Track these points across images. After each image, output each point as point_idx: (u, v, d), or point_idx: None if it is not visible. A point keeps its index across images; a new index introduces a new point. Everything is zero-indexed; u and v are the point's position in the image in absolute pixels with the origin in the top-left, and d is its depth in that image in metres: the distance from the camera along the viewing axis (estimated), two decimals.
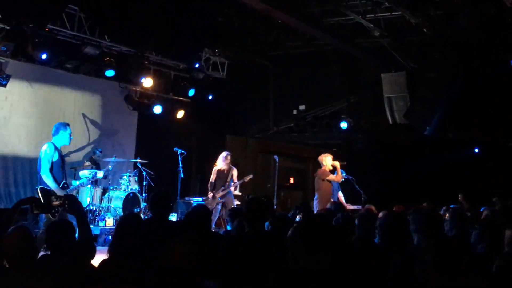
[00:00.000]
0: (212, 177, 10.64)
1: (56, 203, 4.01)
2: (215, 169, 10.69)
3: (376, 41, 11.80)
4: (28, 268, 3.32)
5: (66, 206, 3.97)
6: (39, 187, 7.48)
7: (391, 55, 12.09)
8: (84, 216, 4.02)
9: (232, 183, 10.52)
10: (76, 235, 3.97)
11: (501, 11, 9.61)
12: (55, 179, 7.42)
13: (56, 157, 7.52)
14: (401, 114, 12.50)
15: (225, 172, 10.59)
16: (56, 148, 7.60)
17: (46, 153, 7.44)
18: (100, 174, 10.23)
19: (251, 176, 10.87)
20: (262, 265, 3.95)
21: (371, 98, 13.93)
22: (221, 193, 10.45)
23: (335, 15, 11.15)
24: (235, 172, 10.70)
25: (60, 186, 7.44)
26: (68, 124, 7.91)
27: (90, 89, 12.16)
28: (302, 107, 14.84)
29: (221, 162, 10.64)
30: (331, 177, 10.17)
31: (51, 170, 7.42)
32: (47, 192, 7.40)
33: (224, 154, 10.71)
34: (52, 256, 3.81)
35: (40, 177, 7.46)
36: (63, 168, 7.73)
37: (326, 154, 10.51)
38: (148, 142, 12.83)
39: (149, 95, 12.58)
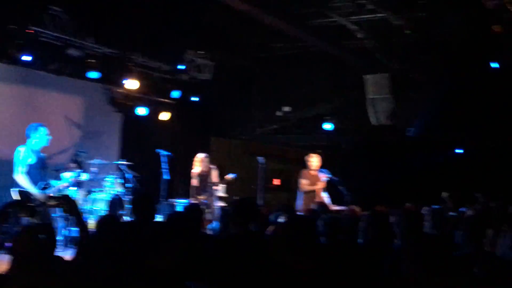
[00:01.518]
0: (193, 181, 10.66)
1: (53, 204, 4.02)
2: (194, 172, 10.71)
3: (360, 43, 11.86)
4: (36, 270, 3.26)
5: (63, 206, 3.97)
6: (17, 189, 7.38)
7: (375, 57, 12.16)
8: (79, 214, 4.00)
9: (214, 185, 10.54)
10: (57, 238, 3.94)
11: (482, 13, 9.72)
12: (31, 181, 7.31)
13: (33, 159, 7.43)
14: (385, 115, 12.58)
15: (206, 174, 10.63)
16: (32, 150, 7.51)
17: (19, 156, 7.37)
18: (84, 176, 10.15)
19: (233, 176, 10.88)
20: (247, 265, 3.96)
21: (355, 100, 13.98)
22: (203, 196, 10.47)
23: (319, 17, 11.18)
24: (215, 172, 10.73)
25: (38, 187, 7.32)
26: (40, 125, 7.80)
27: (73, 91, 12.09)
28: (286, 109, 14.87)
29: (199, 165, 10.65)
30: (301, 182, 10.19)
31: (27, 172, 7.34)
32: (25, 195, 7.32)
33: (201, 156, 10.72)
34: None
35: (16, 180, 7.37)
36: (43, 169, 7.64)
37: (312, 155, 10.53)
38: (133, 144, 12.79)
39: (133, 97, 12.54)
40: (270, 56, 13.78)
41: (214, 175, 10.75)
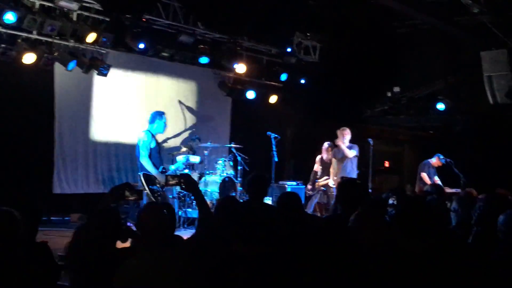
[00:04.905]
0: (316, 166, 10.75)
1: (172, 182, 4.15)
2: (318, 158, 10.78)
3: (475, 18, 11.29)
4: (161, 246, 3.42)
5: (182, 185, 4.09)
6: (141, 173, 7.86)
7: (492, 32, 11.52)
8: (200, 192, 4.10)
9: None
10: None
11: None
12: (154, 165, 7.76)
13: (153, 143, 7.86)
14: (503, 93, 11.91)
15: (328, 162, 10.64)
16: (153, 135, 7.93)
17: (144, 141, 7.80)
18: (194, 158, 10.50)
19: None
20: (352, 248, 3.92)
21: (470, 78, 13.36)
22: (323, 182, 10.50)
23: None
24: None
25: (159, 171, 7.78)
26: (164, 113, 8.24)
27: (185, 77, 12.49)
28: (396, 89, 14.50)
29: (324, 152, 10.72)
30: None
31: (149, 156, 7.77)
32: (149, 177, 7.80)
33: (325, 145, 10.75)
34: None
35: (140, 164, 7.82)
36: (160, 154, 8.09)
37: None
38: (242, 127, 13.03)
39: (242, 80, 12.75)
40: (380, 36, 13.45)
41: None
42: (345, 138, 10.03)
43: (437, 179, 10.62)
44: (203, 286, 3.34)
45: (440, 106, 13.52)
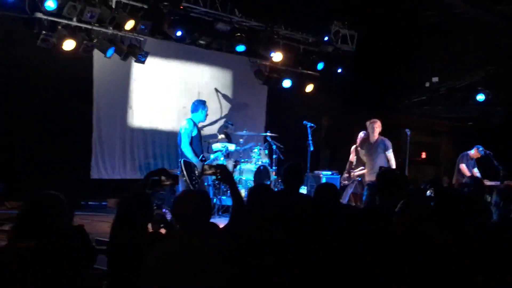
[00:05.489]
0: (351, 157, 10.63)
1: (208, 172, 4.18)
2: (353, 148, 10.66)
3: None
4: (194, 233, 3.45)
5: (218, 175, 4.12)
6: (182, 160, 7.96)
7: None
8: (235, 183, 4.13)
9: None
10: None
11: None
12: (195, 153, 7.86)
13: (195, 132, 7.96)
14: None
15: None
16: (194, 123, 8.02)
17: (186, 129, 7.89)
18: (231, 146, 10.55)
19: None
20: (387, 237, 3.89)
21: (511, 68, 13.08)
22: (358, 173, 10.38)
23: None
24: None
25: (199, 159, 7.88)
26: (205, 102, 8.34)
27: (221, 65, 12.52)
28: (435, 79, 14.27)
29: (358, 142, 10.56)
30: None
31: (191, 144, 7.86)
32: (189, 164, 7.91)
33: (361, 135, 10.59)
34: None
35: (181, 151, 7.91)
36: (201, 142, 8.20)
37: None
38: (278, 115, 13.00)
39: (278, 69, 12.71)
40: (418, 25, 13.24)
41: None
42: (375, 131, 9.72)
43: (476, 171, 10.43)
44: (232, 274, 3.36)
45: (480, 97, 13.27)
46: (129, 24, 9.92)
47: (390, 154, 9.53)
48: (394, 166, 9.41)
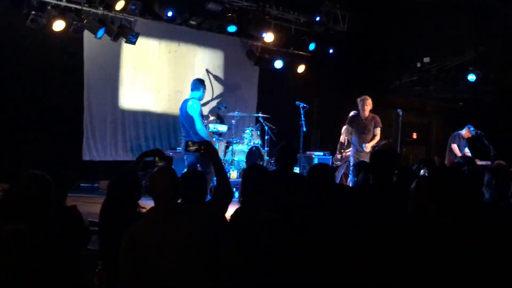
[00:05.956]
0: (342, 137, 10.58)
1: (192, 148, 4.08)
2: (344, 128, 10.60)
3: None
4: (170, 211, 3.44)
5: (202, 151, 4.05)
6: (187, 139, 7.82)
7: None
8: (220, 161, 4.08)
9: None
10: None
11: None
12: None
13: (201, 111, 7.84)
14: None
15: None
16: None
17: (195, 109, 7.59)
18: (222, 127, 10.53)
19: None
20: (385, 216, 3.91)
21: (502, 48, 13.08)
22: (349, 153, 10.34)
23: None
24: None
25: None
26: (204, 81, 8.14)
27: (213, 45, 12.45)
28: (426, 60, 14.24)
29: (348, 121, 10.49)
30: None
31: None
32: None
33: (351, 114, 10.52)
34: (185, 204, 3.94)
35: (192, 132, 7.63)
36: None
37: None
38: (270, 96, 12.97)
39: (270, 50, 12.65)
40: (409, 5, 13.19)
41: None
42: (366, 108, 9.43)
43: (467, 151, 10.48)
44: (214, 255, 3.35)
45: (471, 77, 13.27)
46: (119, 5, 9.84)
47: (378, 131, 9.47)
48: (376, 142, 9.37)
